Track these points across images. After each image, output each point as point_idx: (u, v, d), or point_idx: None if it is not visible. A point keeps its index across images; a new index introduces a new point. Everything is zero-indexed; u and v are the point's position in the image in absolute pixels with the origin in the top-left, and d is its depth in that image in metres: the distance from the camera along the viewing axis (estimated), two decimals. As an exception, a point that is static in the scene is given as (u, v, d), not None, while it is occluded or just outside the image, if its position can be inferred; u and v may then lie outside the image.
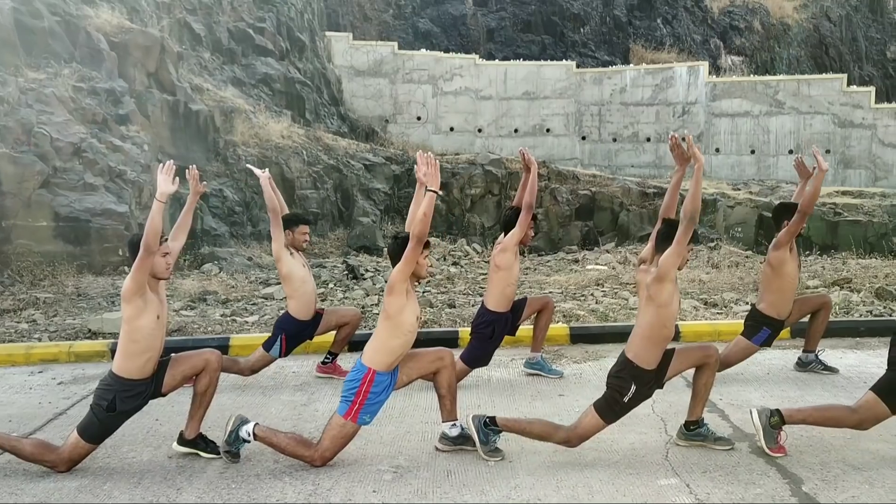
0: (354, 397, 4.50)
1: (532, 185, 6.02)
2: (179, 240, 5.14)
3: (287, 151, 15.75)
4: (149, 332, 4.49)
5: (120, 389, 4.50)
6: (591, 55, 25.16)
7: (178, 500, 4.17)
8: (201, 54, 17.15)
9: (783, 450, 4.66)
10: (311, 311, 6.37)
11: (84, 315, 8.85)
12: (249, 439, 4.60)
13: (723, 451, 4.74)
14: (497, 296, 6.14)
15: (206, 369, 4.70)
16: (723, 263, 12.65)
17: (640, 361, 4.52)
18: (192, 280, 10.97)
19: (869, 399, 4.51)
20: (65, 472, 4.54)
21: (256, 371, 6.37)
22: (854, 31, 28.43)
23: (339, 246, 15.28)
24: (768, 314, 6.13)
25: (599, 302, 9.48)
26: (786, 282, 6.08)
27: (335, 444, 4.55)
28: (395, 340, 4.56)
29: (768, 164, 21.76)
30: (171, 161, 4.69)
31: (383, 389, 4.59)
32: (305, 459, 4.56)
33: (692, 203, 4.39)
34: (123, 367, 4.51)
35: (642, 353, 4.53)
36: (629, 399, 4.54)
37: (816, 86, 21.79)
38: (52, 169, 11.36)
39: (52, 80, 12.32)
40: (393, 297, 4.52)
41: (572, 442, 4.62)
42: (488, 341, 6.17)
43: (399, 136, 21.80)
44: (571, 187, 17.81)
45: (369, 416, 4.58)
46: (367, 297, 9.99)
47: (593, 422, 4.58)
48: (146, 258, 4.37)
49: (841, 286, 10.26)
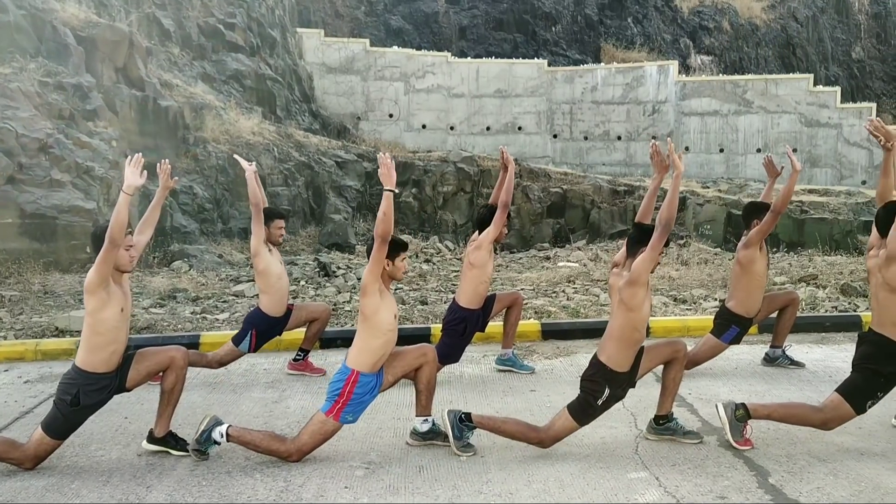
0: (338, 397, 4.51)
1: (509, 183, 6.06)
2: (146, 234, 5.09)
3: (258, 148, 15.63)
4: (112, 325, 4.43)
5: (84, 383, 4.44)
6: (562, 54, 25.28)
7: (147, 498, 4.13)
8: (171, 50, 16.96)
9: (749, 443, 4.73)
10: (282, 308, 6.34)
11: (51, 313, 8.72)
12: (221, 441, 4.57)
13: (692, 444, 4.80)
14: (470, 293, 6.16)
15: (171, 367, 4.65)
16: (692, 260, 12.79)
17: (613, 364, 4.56)
18: (161, 277, 10.86)
19: (834, 399, 4.59)
20: (31, 470, 4.48)
21: (225, 364, 6.33)
22: (820, 32, 28.87)
23: (311, 243, 15.20)
24: (737, 312, 6.21)
25: (571, 298, 9.55)
26: (755, 280, 6.16)
27: (314, 439, 4.55)
28: (376, 341, 4.56)
29: (737, 162, 22.01)
30: (139, 154, 4.64)
31: (368, 391, 4.59)
32: (281, 455, 4.55)
33: (668, 210, 4.43)
34: (87, 361, 4.45)
35: (615, 355, 4.57)
36: (603, 402, 4.58)
37: (784, 85, 22.08)
38: (17, 165, 11.17)
39: (17, 75, 12.11)
40: (366, 298, 4.54)
41: (545, 443, 4.66)
42: (460, 338, 6.20)
43: (371, 134, 21.74)
44: (543, 185, 17.89)
45: (352, 416, 4.59)
46: (339, 295, 9.96)
47: (567, 424, 4.62)
48: (111, 250, 4.31)
49: (807, 282, 10.42)
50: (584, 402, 4.59)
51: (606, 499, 4.05)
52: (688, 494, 4.08)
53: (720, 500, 4.01)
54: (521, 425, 4.71)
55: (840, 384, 4.67)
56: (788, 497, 4.03)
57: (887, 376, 4.53)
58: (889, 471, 4.37)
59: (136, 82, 14.15)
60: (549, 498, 4.07)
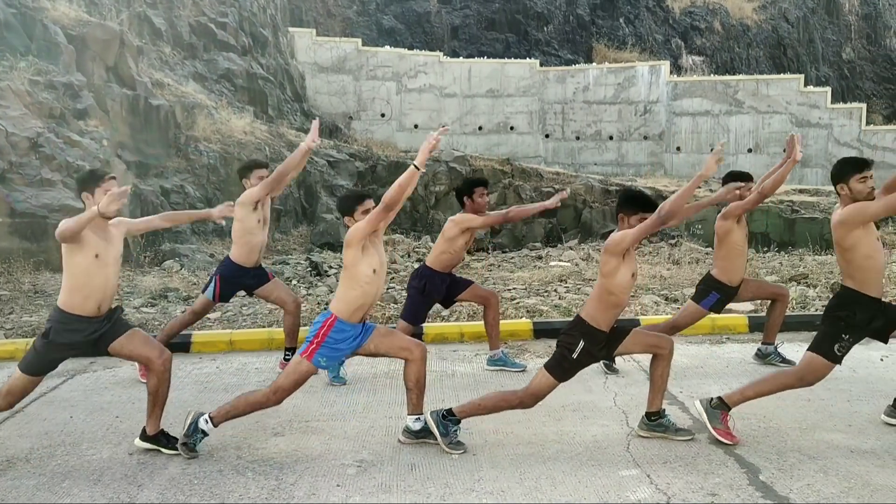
0: (314, 338, 4.63)
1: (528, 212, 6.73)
2: (154, 223, 5.37)
3: (249, 147, 15.60)
4: (83, 270, 4.52)
5: (57, 320, 4.54)
6: (554, 54, 25.34)
7: (138, 497, 4.12)
8: (162, 49, 16.92)
9: (734, 438, 4.76)
10: (251, 261, 6.37)
11: (41, 312, 8.68)
12: (207, 427, 4.62)
13: (683, 441, 4.82)
14: (433, 256, 6.47)
15: (151, 370, 4.66)
16: (683, 260, 12.83)
17: (591, 320, 4.67)
18: (152, 277, 10.83)
19: (805, 356, 4.80)
20: (4, 410, 4.67)
21: (199, 315, 6.50)
22: (811, 33, 29.02)
23: (303, 243, 15.19)
24: (719, 279, 6.35)
25: (562, 297, 9.57)
26: (733, 250, 6.29)
27: (288, 380, 4.62)
28: (353, 291, 4.66)
29: (728, 162, 22.10)
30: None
31: (345, 339, 4.67)
32: (261, 403, 4.65)
33: (673, 204, 4.41)
34: (63, 301, 4.57)
35: (593, 312, 4.68)
36: (577, 355, 4.64)
37: (775, 86, 22.19)
38: (7, 164, 11.12)
39: (7, 74, 12.06)
40: (349, 249, 4.66)
41: (526, 402, 4.72)
42: (420, 296, 6.41)
43: (363, 133, 21.74)
44: (535, 185, 17.92)
45: (325, 360, 4.66)
46: (331, 294, 9.95)
47: (544, 380, 4.68)
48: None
49: (798, 281, 10.47)
50: (560, 355, 4.68)
51: (598, 496, 4.06)
52: (679, 492, 4.09)
53: (711, 496, 4.02)
54: (498, 396, 4.81)
55: (811, 342, 4.84)
56: (779, 494, 4.05)
57: (845, 318, 4.74)
58: (878, 467, 4.39)
59: (128, 81, 14.11)
60: (541, 496, 4.08)
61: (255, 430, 5.16)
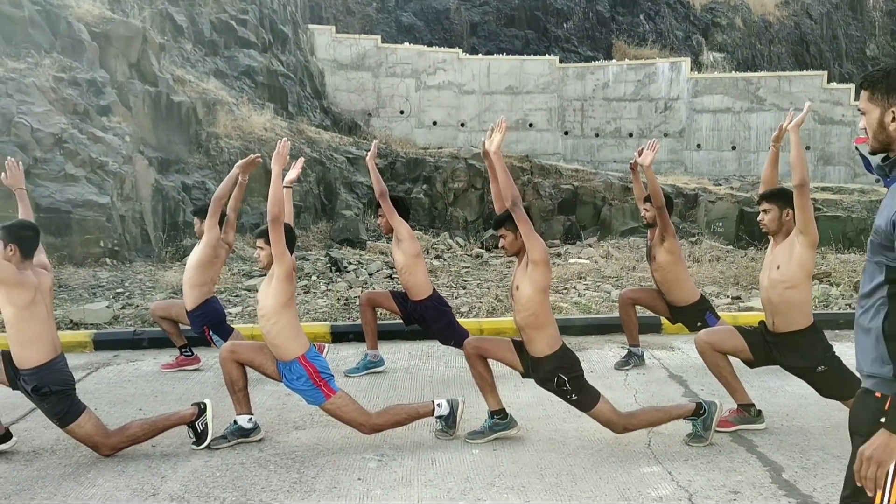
0: (314, 383, 4.62)
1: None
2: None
3: (270, 144, 15.66)
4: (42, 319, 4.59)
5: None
6: (574, 50, 25.24)
7: (162, 488, 4.16)
8: (183, 46, 17.03)
9: (727, 423, 4.91)
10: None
11: (65, 306, 8.77)
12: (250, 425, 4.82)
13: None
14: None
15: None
16: (704, 258, 12.75)
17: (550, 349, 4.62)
18: (174, 272, 10.90)
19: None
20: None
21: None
22: (834, 29, 28.70)
23: (322, 239, 15.24)
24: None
25: (582, 295, 9.54)
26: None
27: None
28: (287, 325, 4.71)
29: (749, 160, 21.93)
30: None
31: (320, 356, 4.73)
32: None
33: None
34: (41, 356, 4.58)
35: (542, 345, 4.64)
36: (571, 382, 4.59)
37: (797, 82, 21.99)
38: (32, 159, 11.24)
39: (32, 70, 12.19)
40: (290, 284, 4.70)
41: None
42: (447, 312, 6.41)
43: (382, 130, 21.76)
44: (554, 182, 17.87)
45: (333, 378, 4.73)
46: (350, 290, 9.99)
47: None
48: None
49: (821, 280, 10.38)
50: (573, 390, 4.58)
51: (619, 493, 4.05)
52: (700, 489, 4.08)
53: (733, 494, 4.01)
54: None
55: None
56: (802, 492, 4.02)
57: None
58: (903, 467, 4.35)
59: (150, 78, 14.22)
60: (562, 492, 4.07)
61: (276, 424, 5.20)
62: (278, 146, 4.78)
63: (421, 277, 6.24)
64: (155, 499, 4.03)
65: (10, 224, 4.55)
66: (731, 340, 4.94)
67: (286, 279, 4.60)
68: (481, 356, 4.82)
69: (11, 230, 4.47)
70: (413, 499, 4.00)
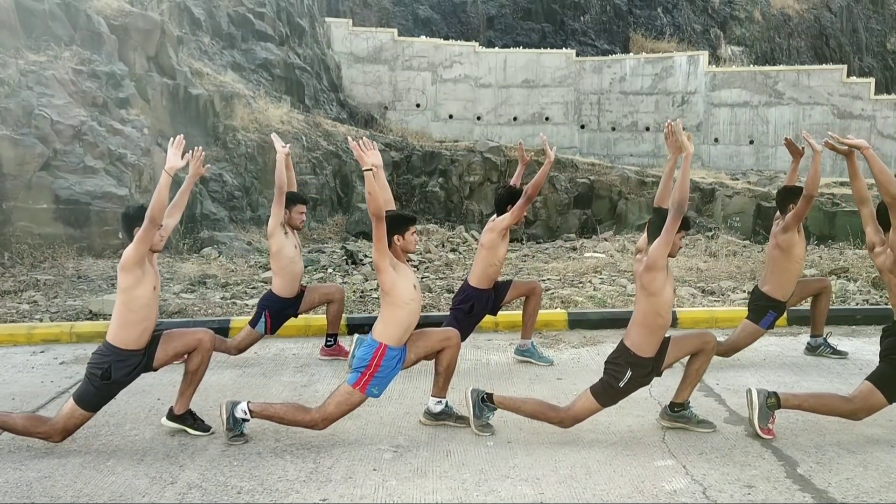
0: (365, 369, 4.57)
1: (542, 177, 6.08)
2: (174, 217, 5.20)
3: (286, 137, 15.73)
4: (145, 303, 4.55)
5: (115, 359, 4.54)
6: (590, 44, 25.14)
7: (180, 477, 4.22)
8: (201, 39, 17.12)
9: (772, 433, 4.71)
10: (294, 290, 6.43)
11: (84, 297, 8.88)
12: (248, 417, 4.66)
13: (705, 433, 4.79)
14: (479, 273, 6.25)
15: (198, 348, 4.75)
16: (720, 252, 12.69)
17: (637, 349, 4.58)
18: (191, 264, 11.00)
19: (864, 389, 4.59)
20: (59, 443, 4.61)
21: (243, 350, 6.43)
22: (854, 22, 28.42)
23: (338, 231, 15.31)
24: (774, 296, 6.22)
25: (597, 289, 9.53)
26: (794, 264, 6.18)
27: (340, 409, 4.61)
28: (399, 311, 4.62)
29: (767, 154, 21.78)
30: (181, 136, 4.76)
31: (394, 364, 4.65)
32: (306, 424, 4.61)
33: (680, 192, 4.42)
34: (119, 337, 4.55)
35: (639, 341, 4.59)
36: (625, 385, 4.60)
37: (816, 76, 21.79)
38: (52, 151, 11.36)
39: (52, 63, 12.30)
40: (382, 275, 4.60)
41: (566, 423, 4.71)
42: (466, 316, 6.25)
43: (398, 123, 21.79)
44: (570, 176, 17.84)
45: (377, 389, 4.64)
46: (367, 282, 10.03)
47: (587, 404, 4.66)
48: (150, 229, 4.44)
49: (838, 275, 10.31)
50: (607, 383, 4.63)
51: (633, 486, 4.07)
52: (715, 483, 4.08)
53: (748, 488, 4.01)
54: (541, 405, 4.77)
55: (870, 374, 4.65)
56: (817, 487, 4.02)
57: None
58: (919, 463, 4.34)
59: (168, 71, 14.31)
60: (576, 484, 4.09)
61: (292, 415, 5.24)
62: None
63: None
64: (173, 487, 4.08)
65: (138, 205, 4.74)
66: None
67: (376, 271, 4.64)
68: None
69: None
70: (428, 490, 4.03)
